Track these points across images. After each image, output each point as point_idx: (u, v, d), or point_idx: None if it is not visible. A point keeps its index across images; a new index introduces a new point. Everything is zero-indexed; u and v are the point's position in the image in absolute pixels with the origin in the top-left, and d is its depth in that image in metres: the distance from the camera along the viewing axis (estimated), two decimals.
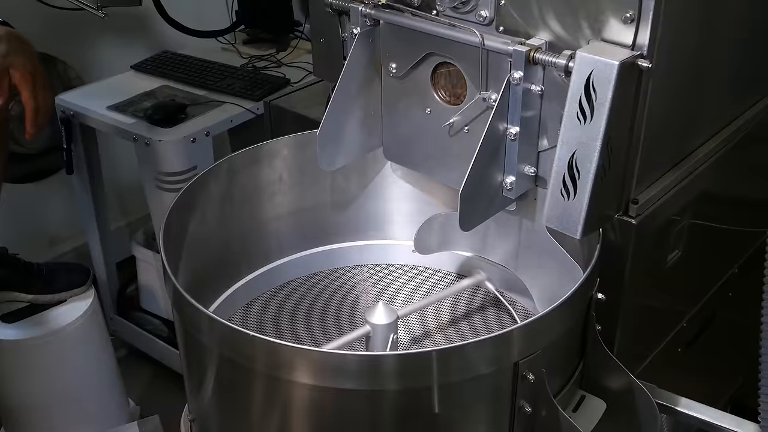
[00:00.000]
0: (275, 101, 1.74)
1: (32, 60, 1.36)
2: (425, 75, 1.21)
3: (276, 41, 2.53)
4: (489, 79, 1.12)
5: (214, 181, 1.28)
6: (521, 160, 1.12)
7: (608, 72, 0.96)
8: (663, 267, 1.32)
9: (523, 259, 1.29)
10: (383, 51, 1.23)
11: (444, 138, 1.22)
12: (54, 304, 1.96)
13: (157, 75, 2.32)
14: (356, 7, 1.21)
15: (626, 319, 1.26)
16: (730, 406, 1.79)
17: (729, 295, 1.60)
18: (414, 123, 1.25)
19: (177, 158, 2.00)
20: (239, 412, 1.07)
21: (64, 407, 2.03)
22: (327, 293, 1.39)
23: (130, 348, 2.53)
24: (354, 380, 0.95)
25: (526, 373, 0.99)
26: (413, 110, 1.25)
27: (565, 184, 1.02)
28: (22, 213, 2.49)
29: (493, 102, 1.09)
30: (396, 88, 1.25)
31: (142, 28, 2.59)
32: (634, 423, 1.14)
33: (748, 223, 1.55)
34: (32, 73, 1.35)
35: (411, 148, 1.28)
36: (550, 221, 1.06)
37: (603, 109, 0.97)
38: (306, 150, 1.34)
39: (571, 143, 1.00)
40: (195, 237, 1.26)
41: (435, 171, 1.27)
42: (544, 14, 1.06)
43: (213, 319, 1.00)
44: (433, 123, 1.22)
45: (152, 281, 2.38)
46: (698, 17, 1.15)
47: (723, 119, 1.37)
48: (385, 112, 1.29)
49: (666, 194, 1.23)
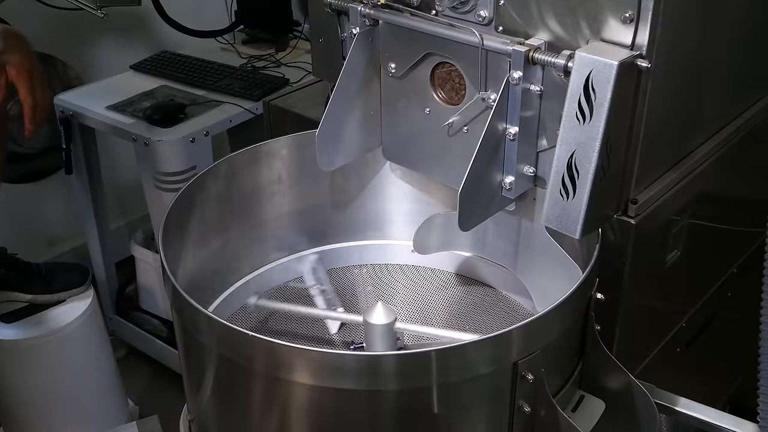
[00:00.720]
0: (274, 101, 1.74)
1: (29, 57, 1.36)
2: (424, 75, 1.21)
3: (275, 41, 2.53)
4: (488, 79, 1.12)
5: (213, 181, 1.28)
6: (520, 160, 1.12)
7: (607, 72, 0.97)
8: (662, 267, 1.32)
9: (522, 259, 1.29)
10: (382, 51, 1.23)
11: (443, 138, 1.22)
12: (53, 304, 1.96)
13: (157, 75, 2.32)
14: (355, 7, 1.21)
15: (625, 318, 1.26)
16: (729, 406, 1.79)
17: (728, 295, 1.60)
18: (413, 123, 1.25)
19: (176, 158, 2.00)
20: (238, 412, 1.07)
21: (63, 407, 2.03)
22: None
23: (129, 348, 2.53)
24: (353, 380, 0.95)
25: (525, 373, 0.99)
26: (412, 110, 1.25)
27: (564, 184, 1.02)
28: (21, 213, 2.49)
29: (492, 102, 1.09)
30: (395, 88, 1.25)
31: (141, 28, 2.59)
32: (633, 423, 1.14)
33: (747, 223, 1.55)
34: (29, 70, 1.35)
35: (410, 148, 1.28)
36: (550, 221, 1.06)
37: (602, 109, 0.97)
38: (305, 150, 1.34)
39: (570, 143, 1.00)
40: (194, 237, 1.26)
41: (434, 171, 1.27)
42: (544, 14, 1.06)
43: (212, 319, 1.00)
44: (432, 123, 1.22)
45: (151, 281, 2.38)
46: (697, 17, 1.15)
47: (722, 119, 1.37)
48: (384, 112, 1.29)
49: (665, 194, 1.23)
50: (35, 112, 1.38)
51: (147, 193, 2.13)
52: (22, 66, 1.34)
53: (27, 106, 1.37)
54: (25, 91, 1.35)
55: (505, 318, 1.33)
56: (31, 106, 1.37)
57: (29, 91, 1.35)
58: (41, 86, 1.38)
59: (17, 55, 1.33)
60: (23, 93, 1.35)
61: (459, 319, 1.33)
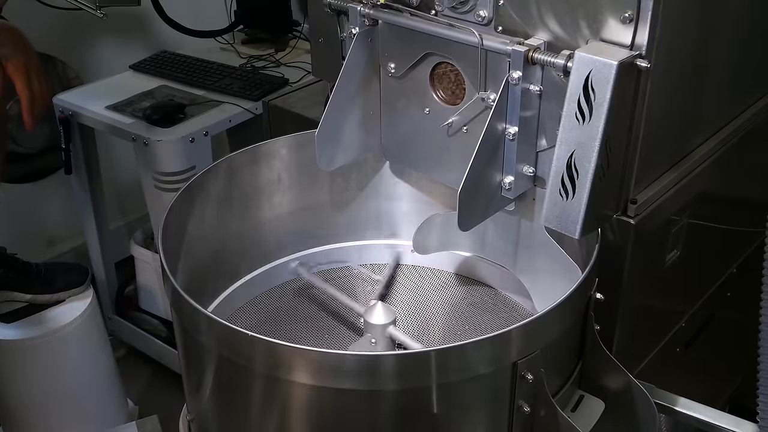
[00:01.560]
0: (274, 101, 1.74)
1: (26, 51, 1.36)
2: (424, 75, 1.21)
3: (275, 41, 2.53)
4: (488, 79, 1.12)
5: (212, 181, 1.28)
6: (520, 160, 1.12)
7: (607, 72, 0.97)
8: (662, 267, 1.32)
9: (521, 259, 1.29)
10: (382, 51, 1.23)
11: (442, 138, 1.22)
12: (52, 304, 1.96)
13: (156, 75, 2.32)
14: (355, 6, 1.21)
15: (625, 318, 1.26)
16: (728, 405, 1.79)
17: (728, 295, 1.60)
18: (413, 123, 1.25)
19: (176, 158, 2.00)
20: (238, 412, 1.07)
21: (63, 407, 2.02)
22: (326, 293, 1.39)
23: (128, 348, 2.53)
24: (353, 380, 0.95)
25: (524, 373, 0.99)
26: (412, 110, 1.25)
27: (563, 184, 1.02)
28: (21, 213, 2.49)
29: (491, 102, 1.09)
30: (395, 88, 1.25)
31: (140, 28, 2.59)
32: (632, 423, 1.15)
33: (747, 223, 1.55)
34: (26, 64, 1.35)
35: (409, 148, 1.28)
36: (549, 221, 1.06)
37: (602, 109, 0.97)
38: (305, 150, 1.34)
39: (569, 143, 1.00)
40: (194, 237, 1.26)
41: (433, 171, 1.27)
42: (543, 14, 1.06)
43: (212, 319, 1.00)
44: (431, 123, 1.22)
45: (151, 281, 2.38)
46: (697, 17, 1.15)
47: (722, 119, 1.37)
48: (383, 111, 1.29)
49: (665, 194, 1.23)
50: (33, 105, 1.38)
51: (146, 193, 2.13)
52: (18, 60, 1.35)
53: (24, 100, 1.37)
54: (22, 85, 1.36)
55: (505, 318, 1.33)
56: (29, 100, 1.37)
57: (26, 85, 1.36)
58: (38, 80, 1.38)
59: (13, 49, 1.34)
60: (20, 86, 1.36)
61: (459, 319, 1.33)
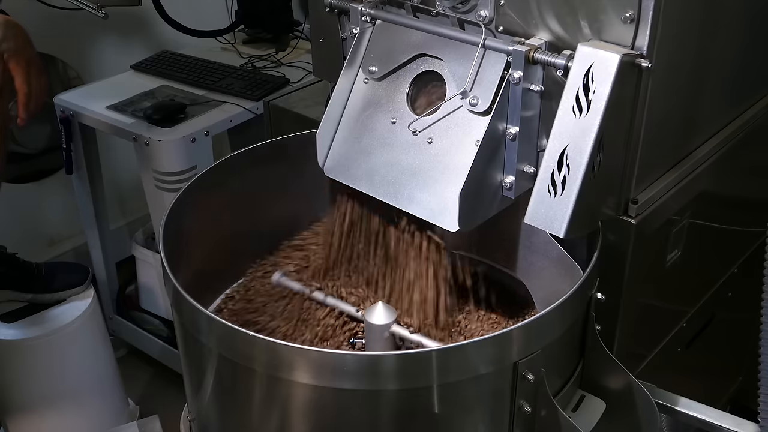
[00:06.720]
0: (275, 101, 1.74)
1: (27, 47, 1.37)
2: (403, 80, 1.16)
3: (276, 41, 2.53)
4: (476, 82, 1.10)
5: (213, 180, 1.28)
6: (521, 160, 1.11)
7: (609, 65, 0.96)
8: (662, 267, 1.32)
9: (522, 259, 1.29)
10: (368, 51, 1.20)
11: (400, 152, 1.15)
12: (53, 304, 1.96)
13: (157, 75, 2.32)
14: (355, 6, 1.21)
15: (626, 319, 1.26)
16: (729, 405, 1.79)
17: (728, 295, 1.60)
18: (374, 134, 1.17)
19: (176, 158, 2.00)
20: (239, 412, 1.07)
21: (64, 407, 2.02)
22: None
23: (129, 348, 2.53)
24: (353, 380, 0.95)
25: (525, 373, 0.99)
26: (377, 119, 1.18)
27: (553, 179, 0.99)
28: (22, 213, 2.49)
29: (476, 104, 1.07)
30: (366, 95, 1.19)
31: (141, 28, 2.59)
32: (633, 423, 1.15)
33: (747, 223, 1.55)
34: (26, 59, 1.36)
35: (359, 163, 1.18)
36: (533, 219, 1.02)
37: (600, 103, 0.96)
38: (305, 150, 1.34)
39: (563, 136, 0.99)
40: (194, 237, 1.26)
41: (379, 188, 1.16)
42: (544, 14, 1.06)
43: (212, 318, 1.00)
44: (394, 135, 1.15)
45: (152, 281, 2.38)
46: (698, 17, 1.15)
47: (722, 119, 1.37)
48: (343, 124, 1.21)
49: (665, 194, 1.23)
50: (29, 101, 1.39)
51: (147, 192, 2.13)
52: (19, 55, 1.35)
53: (21, 95, 1.38)
54: (21, 80, 1.36)
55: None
56: (26, 95, 1.38)
57: (24, 80, 1.37)
58: (37, 76, 1.39)
59: (14, 44, 1.34)
60: (19, 82, 1.36)
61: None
